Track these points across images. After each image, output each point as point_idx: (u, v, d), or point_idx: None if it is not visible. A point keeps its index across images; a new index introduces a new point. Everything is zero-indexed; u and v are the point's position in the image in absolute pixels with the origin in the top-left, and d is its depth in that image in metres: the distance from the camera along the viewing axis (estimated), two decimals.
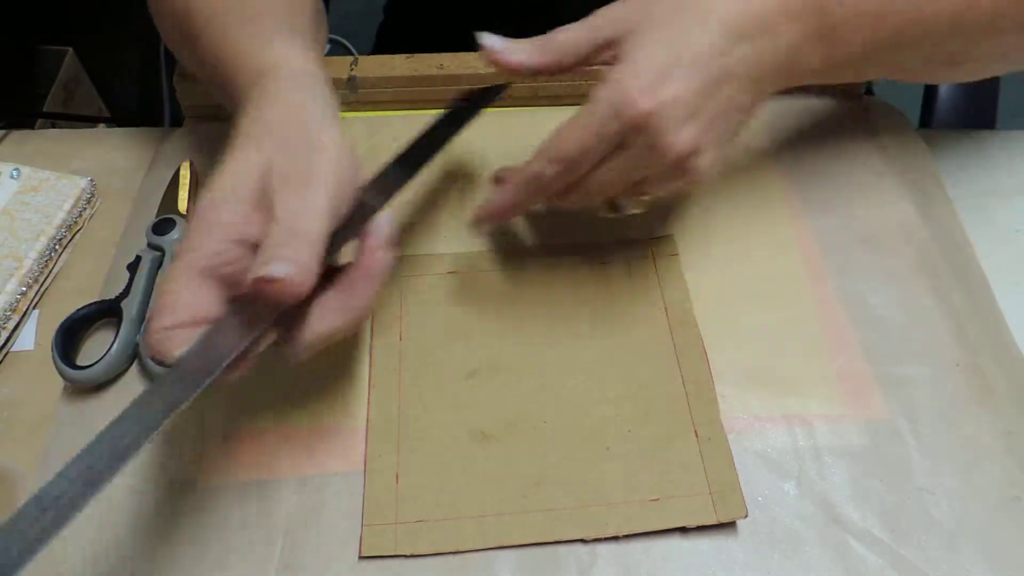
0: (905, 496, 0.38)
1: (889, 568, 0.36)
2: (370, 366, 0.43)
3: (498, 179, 0.44)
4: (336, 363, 0.43)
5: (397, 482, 0.39)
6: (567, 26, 0.40)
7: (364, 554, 0.37)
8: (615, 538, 0.37)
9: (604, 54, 0.39)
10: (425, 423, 0.41)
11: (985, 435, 0.40)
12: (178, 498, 0.39)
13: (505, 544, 0.37)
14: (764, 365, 0.43)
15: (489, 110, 0.56)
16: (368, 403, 0.41)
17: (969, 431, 0.40)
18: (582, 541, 0.37)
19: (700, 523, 0.38)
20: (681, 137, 0.37)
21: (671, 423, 0.41)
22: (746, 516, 0.38)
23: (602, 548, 0.37)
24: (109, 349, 0.42)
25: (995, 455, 0.39)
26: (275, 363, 0.43)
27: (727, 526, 0.38)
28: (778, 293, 0.46)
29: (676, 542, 0.37)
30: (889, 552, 0.37)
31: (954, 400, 0.41)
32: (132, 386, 0.43)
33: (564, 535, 0.37)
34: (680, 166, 0.38)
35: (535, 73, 0.40)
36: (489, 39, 0.40)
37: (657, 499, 0.38)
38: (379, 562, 0.37)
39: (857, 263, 0.47)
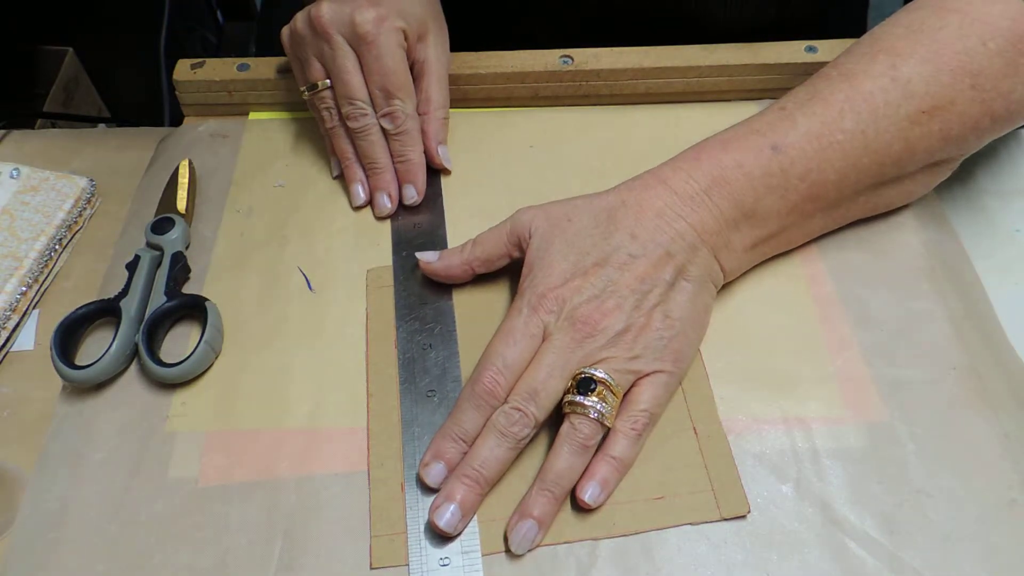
0: (903, 498, 0.38)
1: (887, 570, 0.36)
2: (367, 374, 0.43)
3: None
4: (335, 364, 0.43)
5: (402, 490, 0.39)
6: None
7: (375, 565, 0.37)
8: (615, 539, 0.37)
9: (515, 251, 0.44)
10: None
11: (982, 438, 0.40)
12: (178, 498, 0.39)
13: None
14: (762, 367, 0.43)
15: (489, 111, 0.56)
16: (368, 411, 0.42)
17: (966, 434, 0.40)
18: (592, 539, 0.37)
19: (704, 520, 0.38)
20: (597, 306, 0.40)
21: (670, 421, 0.41)
22: (748, 512, 0.38)
23: (602, 549, 0.37)
24: (108, 349, 0.42)
25: (992, 458, 0.39)
26: (274, 363, 0.44)
27: (727, 526, 0.38)
28: (777, 295, 0.46)
29: (675, 543, 0.37)
30: (887, 554, 0.37)
31: (952, 403, 0.41)
32: (131, 386, 0.43)
33: (572, 536, 0.37)
34: (619, 344, 0.39)
35: (470, 272, 0.45)
36: (423, 256, 0.46)
37: (661, 497, 0.38)
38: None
39: (856, 266, 0.47)
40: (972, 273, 0.47)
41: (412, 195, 0.50)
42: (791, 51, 0.55)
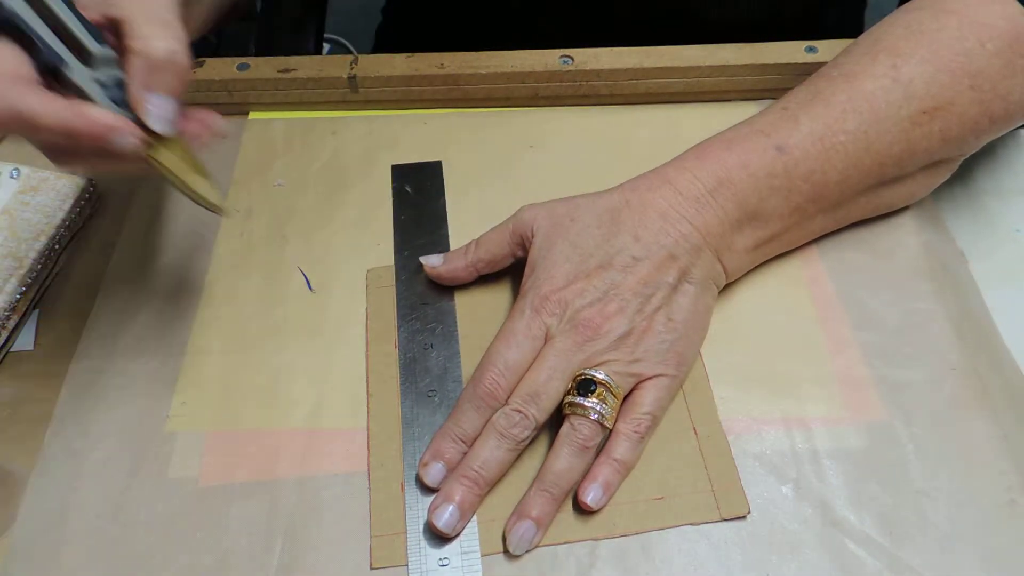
0: (902, 499, 0.38)
1: (886, 570, 0.36)
2: (367, 374, 0.43)
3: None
4: (335, 364, 0.43)
5: (402, 491, 0.39)
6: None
7: (375, 566, 0.37)
8: (615, 539, 0.37)
9: (518, 250, 0.44)
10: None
11: (981, 438, 0.40)
12: (178, 498, 0.39)
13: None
14: (762, 367, 0.43)
15: (489, 111, 0.56)
16: (368, 412, 0.42)
17: (966, 434, 0.40)
18: (592, 540, 0.37)
19: (704, 520, 0.38)
20: (600, 309, 0.40)
21: (670, 422, 0.41)
22: (748, 513, 0.38)
23: (602, 550, 0.37)
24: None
25: (991, 458, 0.40)
26: (274, 363, 0.44)
27: (727, 527, 0.38)
28: (777, 296, 0.46)
29: (675, 544, 0.37)
30: (886, 554, 0.37)
31: (951, 403, 0.41)
32: (131, 386, 0.43)
33: (572, 536, 0.38)
34: (621, 347, 0.39)
35: (474, 273, 0.45)
36: (427, 259, 0.46)
37: (661, 498, 0.38)
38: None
39: (856, 267, 0.47)
40: (968, 275, 0.47)
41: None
42: (791, 51, 0.55)
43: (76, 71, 0.33)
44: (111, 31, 0.35)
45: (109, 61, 0.35)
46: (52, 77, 0.33)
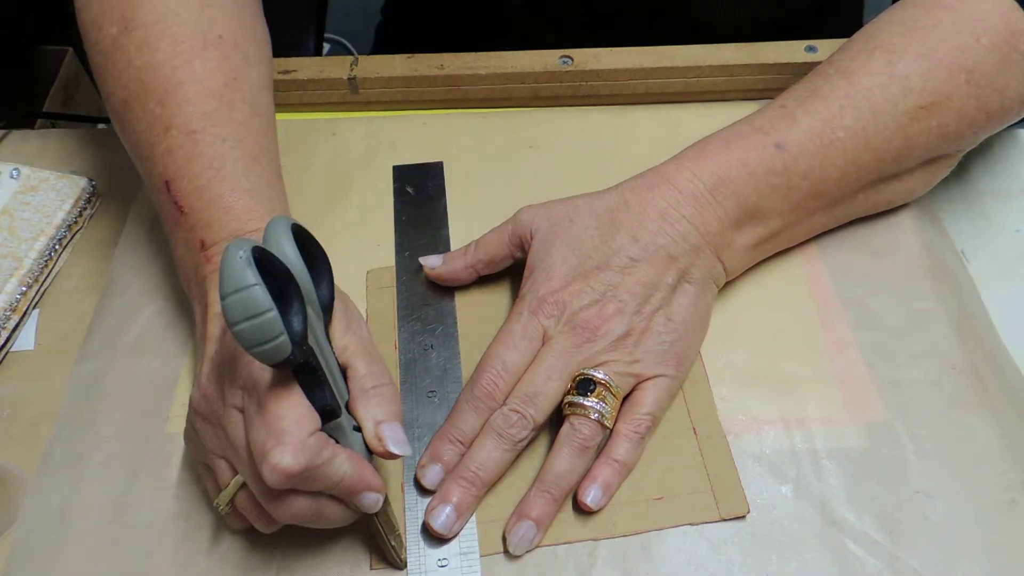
0: (902, 498, 0.38)
1: (886, 570, 0.36)
2: None
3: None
4: None
5: (402, 491, 0.39)
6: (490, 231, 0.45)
7: (375, 566, 0.37)
8: (615, 539, 0.37)
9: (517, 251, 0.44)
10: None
11: (981, 438, 0.40)
12: (179, 499, 0.39)
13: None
14: (762, 367, 0.43)
15: (489, 111, 0.56)
16: None
17: (965, 434, 0.40)
18: (592, 540, 0.37)
19: (703, 520, 0.38)
20: (598, 311, 0.40)
21: (670, 422, 0.41)
22: (748, 513, 0.38)
23: (601, 550, 0.37)
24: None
25: (991, 457, 0.39)
26: None
27: (726, 527, 0.38)
28: (776, 295, 0.46)
29: (674, 544, 0.37)
30: (886, 554, 0.37)
31: (952, 403, 0.41)
32: (132, 387, 0.43)
33: (572, 536, 0.38)
34: (620, 348, 0.39)
35: (474, 274, 0.45)
36: (427, 260, 0.46)
37: (661, 498, 0.39)
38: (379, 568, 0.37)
39: (855, 265, 0.47)
40: (966, 274, 0.47)
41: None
42: (791, 51, 0.55)
43: (344, 417, 0.34)
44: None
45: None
46: (323, 421, 0.33)
